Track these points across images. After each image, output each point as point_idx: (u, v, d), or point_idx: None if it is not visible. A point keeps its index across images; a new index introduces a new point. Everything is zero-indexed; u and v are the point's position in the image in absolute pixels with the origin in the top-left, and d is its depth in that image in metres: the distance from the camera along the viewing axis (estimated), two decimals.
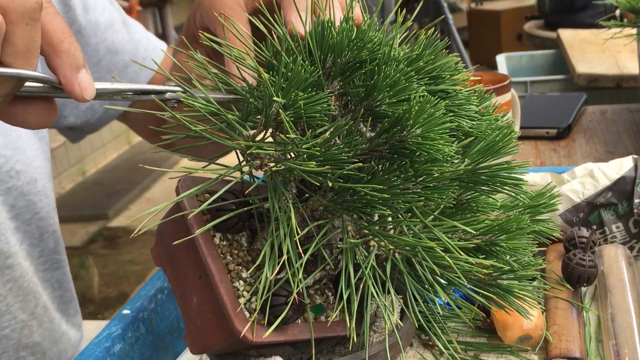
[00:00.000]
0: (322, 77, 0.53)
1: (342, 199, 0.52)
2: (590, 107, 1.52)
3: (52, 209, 0.92)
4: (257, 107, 0.51)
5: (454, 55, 0.60)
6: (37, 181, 0.89)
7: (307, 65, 0.51)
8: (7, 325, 0.86)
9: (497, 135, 0.58)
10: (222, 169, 0.51)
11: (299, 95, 0.49)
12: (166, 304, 0.81)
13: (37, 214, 0.90)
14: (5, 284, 0.84)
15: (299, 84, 0.50)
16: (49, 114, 0.49)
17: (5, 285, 0.84)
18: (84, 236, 3.59)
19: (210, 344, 0.54)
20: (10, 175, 0.85)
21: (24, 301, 0.88)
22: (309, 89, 0.50)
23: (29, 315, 0.88)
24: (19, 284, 0.86)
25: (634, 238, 0.80)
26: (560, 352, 0.64)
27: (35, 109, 0.49)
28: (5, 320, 0.85)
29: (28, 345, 0.89)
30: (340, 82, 0.55)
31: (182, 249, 0.55)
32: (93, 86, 0.48)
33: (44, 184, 0.90)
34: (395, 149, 0.51)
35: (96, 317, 2.88)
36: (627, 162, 0.81)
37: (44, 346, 0.92)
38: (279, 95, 0.49)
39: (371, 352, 0.55)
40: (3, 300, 0.84)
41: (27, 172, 0.88)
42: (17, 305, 0.86)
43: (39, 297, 0.91)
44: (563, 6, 2.58)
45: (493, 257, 0.56)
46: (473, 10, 5.75)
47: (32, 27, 0.45)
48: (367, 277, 0.51)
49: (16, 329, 0.87)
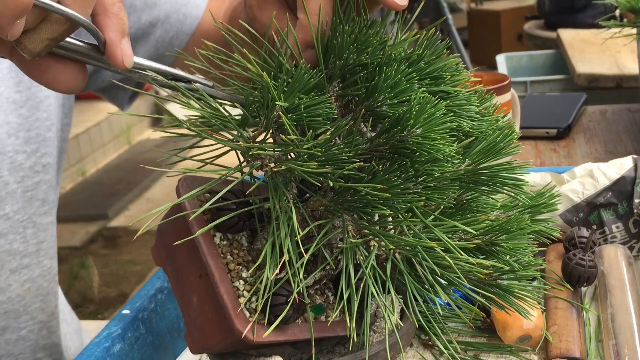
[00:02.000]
0: (325, 78, 0.53)
1: (343, 198, 0.52)
2: (590, 107, 1.52)
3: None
4: (258, 109, 0.51)
5: (454, 56, 0.60)
6: (59, 174, 0.88)
7: (309, 68, 0.51)
8: (25, 327, 0.84)
9: (497, 135, 0.58)
10: (223, 169, 0.51)
11: (301, 99, 0.49)
12: (166, 304, 0.81)
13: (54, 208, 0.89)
14: (23, 284, 0.83)
15: (302, 87, 0.50)
16: (79, 78, 0.49)
17: (23, 285, 0.83)
18: (84, 236, 3.59)
19: (210, 343, 0.55)
20: (36, 170, 0.83)
21: (44, 302, 0.86)
22: (311, 92, 0.50)
23: (49, 316, 0.87)
24: (38, 283, 0.85)
25: (633, 238, 0.80)
26: (560, 352, 0.64)
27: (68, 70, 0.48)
28: (23, 321, 0.84)
29: (46, 346, 0.88)
30: (341, 83, 0.55)
31: (182, 249, 0.55)
32: (132, 57, 0.48)
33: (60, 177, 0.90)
34: (396, 149, 0.51)
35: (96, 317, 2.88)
36: (627, 162, 0.81)
37: (61, 347, 0.91)
38: (281, 99, 0.49)
39: (371, 352, 0.55)
40: (21, 301, 0.83)
41: (55, 165, 0.86)
42: (36, 306, 0.85)
43: (59, 296, 0.89)
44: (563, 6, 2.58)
45: (493, 257, 0.56)
46: (473, 10, 5.75)
47: None
48: (367, 277, 0.51)
49: (34, 330, 0.85)
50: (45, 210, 0.85)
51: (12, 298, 0.82)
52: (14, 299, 0.82)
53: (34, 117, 0.82)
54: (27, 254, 0.83)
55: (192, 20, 0.88)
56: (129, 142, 4.88)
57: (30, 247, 0.83)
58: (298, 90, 0.49)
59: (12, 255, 0.81)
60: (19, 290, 0.82)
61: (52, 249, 0.88)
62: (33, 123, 0.82)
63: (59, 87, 0.49)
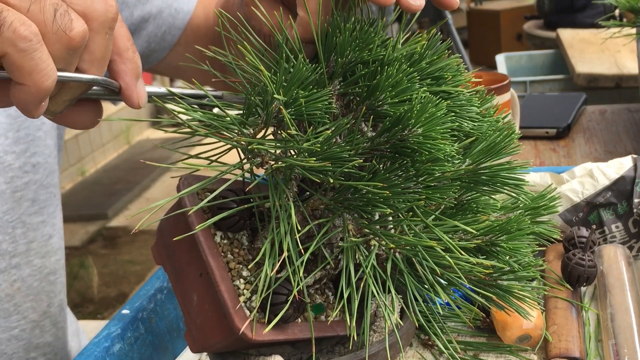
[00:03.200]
0: (325, 75, 0.53)
1: (343, 197, 0.52)
2: (589, 107, 1.52)
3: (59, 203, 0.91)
4: (257, 104, 0.51)
5: (456, 57, 0.60)
6: (55, 172, 0.88)
7: (308, 64, 0.51)
8: (17, 326, 0.84)
9: (498, 135, 0.58)
10: (223, 166, 0.51)
11: (300, 93, 0.49)
12: (165, 303, 0.81)
13: (58, 206, 0.89)
14: (12, 284, 0.83)
15: (300, 81, 0.50)
16: (96, 115, 0.50)
17: (13, 285, 0.83)
18: (83, 236, 3.59)
19: (210, 342, 0.55)
20: (25, 170, 0.83)
21: (35, 301, 0.85)
22: (310, 87, 0.50)
23: (40, 315, 0.87)
24: (28, 283, 0.84)
25: (633, 238, 0.80)
26: (559, 351, 0.64)
27: (85, 110, 0.50)
28: (14, 321, 0.83)
29: (39, 345, 0.87)
30: (342, 82, 0.55)
31: (182, 247, 0.55)
32: (146, 95, 0.50)
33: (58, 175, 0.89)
34: (397, 148, 0.51)
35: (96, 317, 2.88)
36: (626, 162, 0.81)
37: (56, 346, 0.90)
38: (280, 93, 0.49)
39: (371, 352, 0.55)
40: (10, 300, 0.82)
41: (47, 164, 0.86)
42: (27, 305, 0.84)
43: (55, 296, 0.89)
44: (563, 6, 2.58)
45: (493, 257, 0.56)
46: (473, 10, 5.75)
47: (110, 35, 0.46)
48: (367, 277, 0.51)
49: (26, 329, 0.85)
50: (35, 209, 0.84)
51: (2, 298, 0.81)
52: (4, 299, 0.82)
53: (22, 117, 0.81)
54: (16, 254, 0.83)
55: (184, 15, 0.89)
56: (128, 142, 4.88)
57: (19, 247, 0.83)
58: (297, 85, 0.49)
59: (1, 255, 0.81)
60: (8, 290, 0.82)
61: (45, 247, 0.87)
62: (22, 123, 0.82)
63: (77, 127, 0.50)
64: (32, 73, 0.43)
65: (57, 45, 0.44)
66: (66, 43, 0.44)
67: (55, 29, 0.43)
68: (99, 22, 0.45)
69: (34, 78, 0.43)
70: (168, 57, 0.89)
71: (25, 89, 0.43)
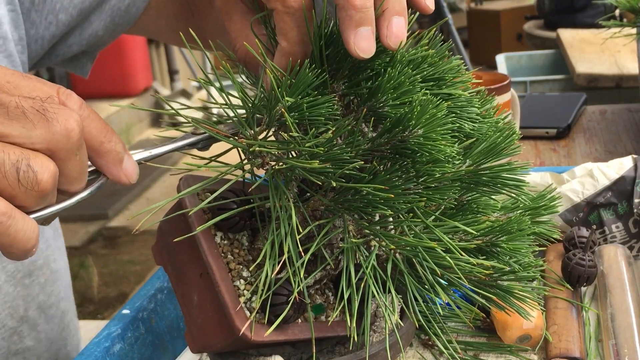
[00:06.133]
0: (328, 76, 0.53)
1: (344, 198, 0.52)
2: (589, 107, 1.52)
3: None
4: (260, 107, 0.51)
5: (457, 58, 0.60)
6: None
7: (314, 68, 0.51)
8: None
9: (498, 136, 0.58)
10: (224, 167, 0.51)
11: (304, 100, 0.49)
12: (166, 303, 0.81)
13: None
14: None
15: (305, 86, 0.50)
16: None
17: None
18: (83, 236, 3.59)
19: (211, 342, 0.55)
20: None
21: (12, 307, 0.83)
22: (314, 91, 0.51)
23: (17, 321, 0.84)
24: (4, 290, 0.81)
25: (633, 238, 0.80)
26: (559, 352, 0.64)
27: None
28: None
29: (18, 351, 0.85)
30: (345, 83, 0.55)
31: (183, 247, 0.55)
32: (136, 168, 0.50)
33: None
34: (397, 149, 0.51)
35: (96, 317, 2.88)
36: (626, 162, 0.81)
37: (38, 350, 0.89)
38: (284, 96, 0.49)
39: (371, 352, 0.55)
40: None
41: None
42: (4, 313, 0.82)
43: (32, 299, 0.87)
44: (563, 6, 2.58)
45: (493, 258, 0.56)
46: (473, 10, 5.75)
47: (80, 154, 0.46)
48: (367, 277, 0.51)
49: (5, 337, 0.82)
50: None
51: None
52: None
53: None
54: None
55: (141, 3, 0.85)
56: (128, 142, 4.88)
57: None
58: (302, 89, 0.49)
59: None
60: None
61: None
62: None
63: None
64: (12, 244, 0.44)
65: (31, 199, 0.44)
66: (38, 194, 0.44)
67: (23, 189, 0.44)
68: (65, 151, 0.45)
69: (17, 247, 0.44)
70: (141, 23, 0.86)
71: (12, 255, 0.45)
